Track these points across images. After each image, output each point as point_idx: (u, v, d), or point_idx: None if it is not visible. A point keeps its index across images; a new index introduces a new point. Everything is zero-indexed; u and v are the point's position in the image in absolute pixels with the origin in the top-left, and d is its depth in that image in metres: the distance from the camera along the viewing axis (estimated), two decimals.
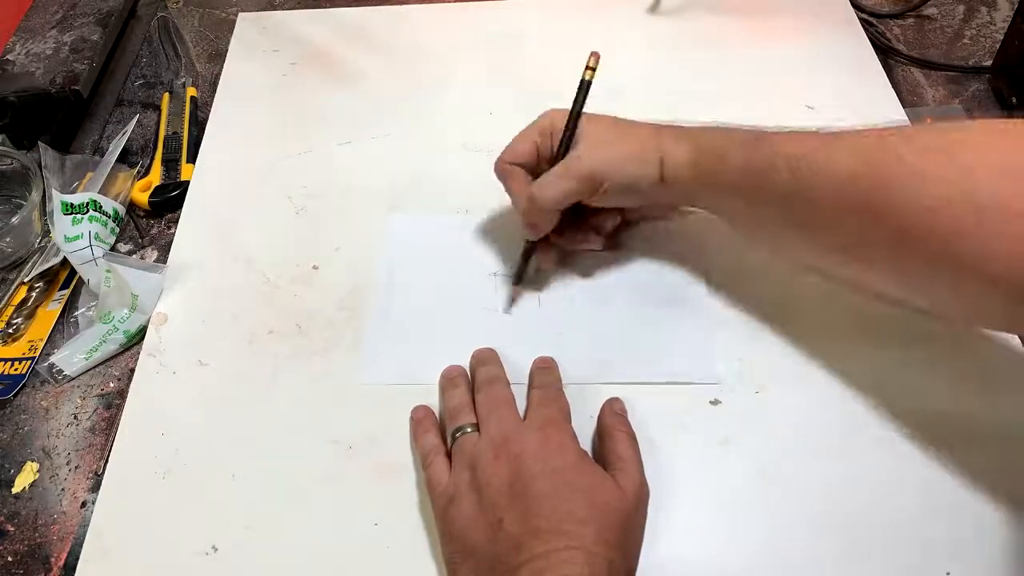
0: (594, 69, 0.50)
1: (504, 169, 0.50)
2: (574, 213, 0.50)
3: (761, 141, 0.45)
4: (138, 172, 0.64)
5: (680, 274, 0.53)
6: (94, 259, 0.54)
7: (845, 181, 0.40)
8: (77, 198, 0.56)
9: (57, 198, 0.54)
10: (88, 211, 0.56)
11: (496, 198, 0.58)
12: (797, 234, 0.45)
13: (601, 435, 0.44)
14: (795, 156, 0.42)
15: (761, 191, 0.44)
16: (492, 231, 0.56)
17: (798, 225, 0.44)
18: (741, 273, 0.53)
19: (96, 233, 0.56)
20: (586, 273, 0.54)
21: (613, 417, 0.45)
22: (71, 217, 0.55)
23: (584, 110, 0.49)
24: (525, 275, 0.53)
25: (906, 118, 0.61)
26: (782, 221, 0.45)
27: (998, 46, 0.65)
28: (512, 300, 0.52)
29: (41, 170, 0.59)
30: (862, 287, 0.47)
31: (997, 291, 0.36)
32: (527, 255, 0.52)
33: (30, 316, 0.55)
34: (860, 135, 0.42)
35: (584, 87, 0.49)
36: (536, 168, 0.50)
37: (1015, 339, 0.49)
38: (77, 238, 0.54)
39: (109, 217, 0.58)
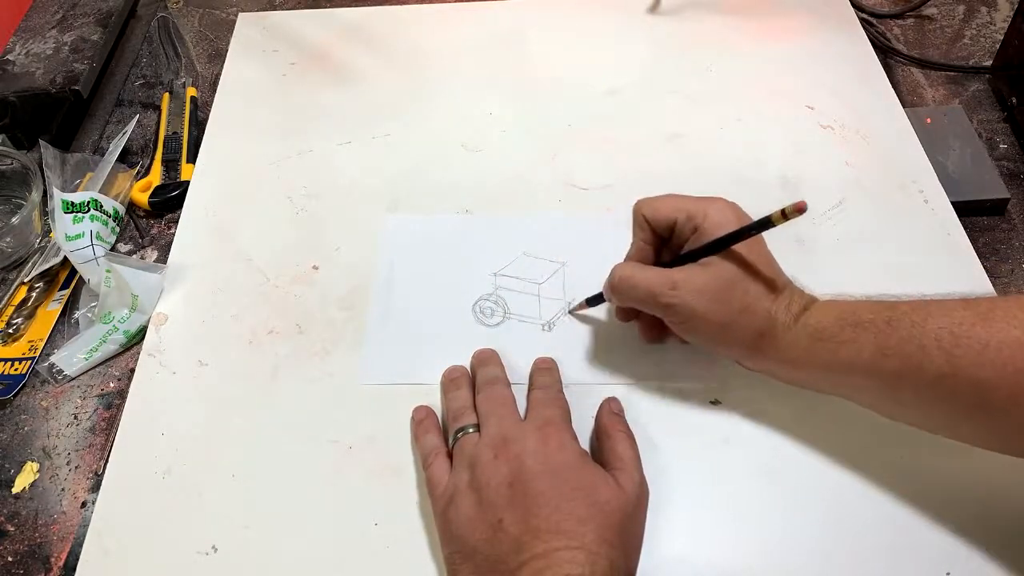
0: (788, 217, 0.39)
1: (637, 218, 0.46)
2: None
3: (896, 319, 0.39)
4: (138, 172, 0.64)
5: None
6: (95, 258, 0.54)
7: (1018, 356, 0.35)
8: (78, 197, 0.56)
9: (58, 196, 0.54)
10: (89, 210, 0.56)
11: (496, 198, 0.59)
12: (958, 420, 0.39)
13: (599, 435, 0.45)
14: (947, 332, 0.37)
15: (902, 375, 0.38)
16: (492, 231, 0.56)
17: (961, 412, 0.38)
18: None
19: (97, 232, 0.56)
20: (586, 275, 0.54)
21: (611, 417, 0.45)
22: (72, 216, 0.55)
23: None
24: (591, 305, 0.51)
25: (906, 118, 0.62)
26: (937, 407, 0.39)
27: (998, 46, 0.65)
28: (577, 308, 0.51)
29: (42, 169, 0.59)
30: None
31: None
32: (596, 300, 0.50)
33: (30, 316, 0.55)
34: (1018, 303, 0.37)
35: (762, 226, 0.41)
36: (663, 236, 0.46)
37: None
38: (78, 237, 0.54)
39: (109, 217, 0.58)
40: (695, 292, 0.42)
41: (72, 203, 0.55)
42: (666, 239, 0.46)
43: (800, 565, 0.41)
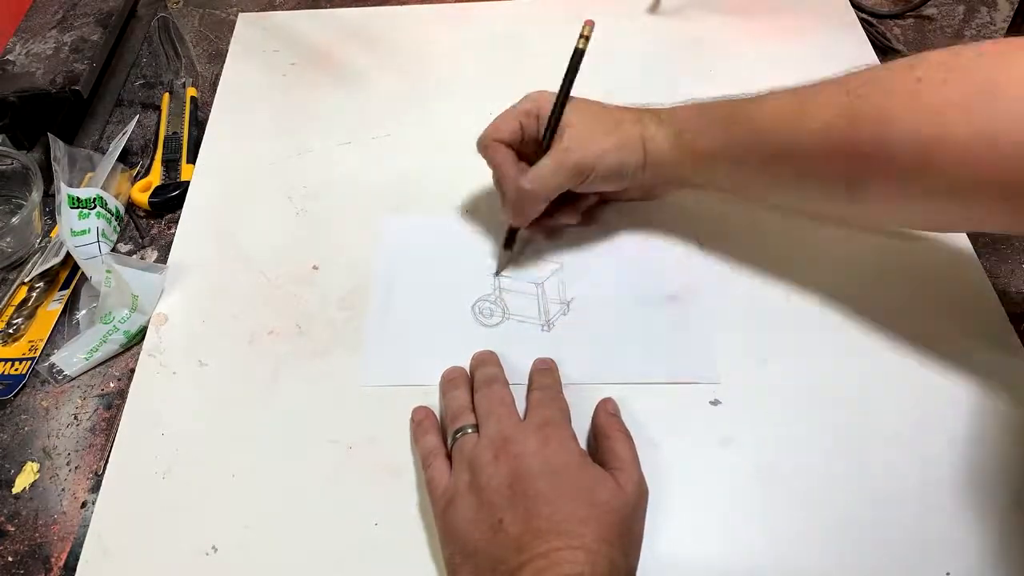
0: (587, 38, 0.49)
1: (489, 145, 0.51)
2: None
3: (738, 112, 0.47)
4: (138, 172, 0.64)
5: (680, 273, 0.53)
6: (100, 255, 0.54)
7: (824, 132, 0.43)
8: (84, 192, 0.56)
9: (65, 191, 0.54)
10: (95, 207, 0.56)
11: (496, 198, 0.58)
12: (786, 188, 0.48)
13: (597, 435, 0.45)
14: (772, 117, 0.45)
15: (744, 160, 0.47)
16: (492, 231, 0.56)
17: (786, 181, 0.47)
18: (740, 270, 0.53)
19: (102, 230, 0.56)
20: (585, 274, 0.54)
21: (608, 417, 0.45)
22: (78, 211, 0.55)
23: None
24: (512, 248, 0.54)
25: None
26: (769, 181, 0.48)
27: None
28: (502, 266, 0.54)
29: (41, 169, 0.59)
30: (859, 224, 0.52)
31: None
32: (511, 237, 0.54)
33: (30, 316, 0.55)
34: (833, 86, 0.44)
35: (576, 58, 0.49)
36: (519, 146, 0.51)
37: (1015, 340, 0.49)
38: (84, 233, 0.55)
39: (112, 216, 0.58)
40: (582, 140, 0.49)
41: (78, 198, 0.55)
42: (517, 147, 0.51)
43: (800, 565, 0.41)
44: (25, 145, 0.63)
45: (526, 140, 0.51)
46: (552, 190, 0.49)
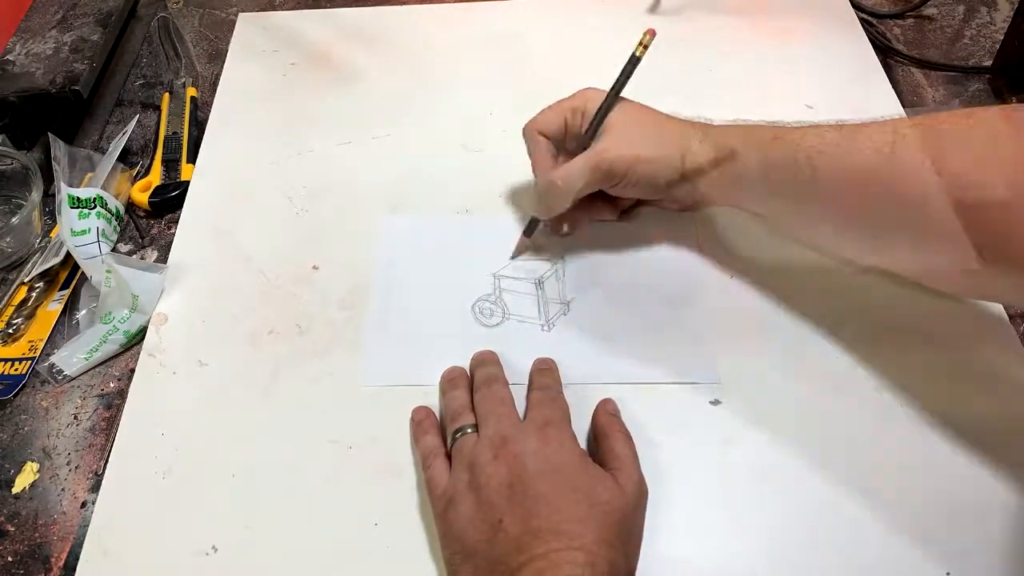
0: (647, 47, 0.48)
1: (532, 135, 0.52)
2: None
3: (781, 138, 0.46)
4: (138, 172, 0.64)
5: (680, 273, 0.53)
6: (100, 255, 0.54)
7: (866, 174, 0.41)
8: (84, 192, 0.56)
9: (65, 191, 0.54)
10: (95, 207, 0.56)
11: (496, 198, 0.59)
12: (821, 225, 0.47)
13: (597, 436, 0.44)
14: (816, 151, 0.43)
15: (782, 187, 0.46)
16: (492, 231, 0.56)
17: (821, 217, 0.46)
18: (740, 270, 0.53)
19: (102, 230, 0.56)
20: (585, 275, 0.54)
21: (608, 417, 0.45)
22: (78, 211, 0.55)
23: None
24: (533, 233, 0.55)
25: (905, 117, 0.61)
26: (805, 214, 0.46)
27: (998, 46, 0.65)
28: (518, 252, 0.55)
29: (42, 168, 0.59)
30: (884, 268, 0.50)
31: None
32: (532, 226, 0.54)
33: (30, 316, 0.55)
34: (880, 127, 0.42)
35: (631, 64, 0.49)
36: (561, 142, 0.52)
37: (1015, 340, 0.49)
38: (84, 233, 0.55)
39: (112, 215, 0.58)
40: (620, 144, 0.48)
41: (78, 198, 0.55)
42: (561, 141, 0.51)
43: (800, 565, 0.41)
44: (25, 145, 0.63)
45: (569, 135, 0.51)
46: (580, 189, 0.49)
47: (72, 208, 0.54)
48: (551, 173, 0.49)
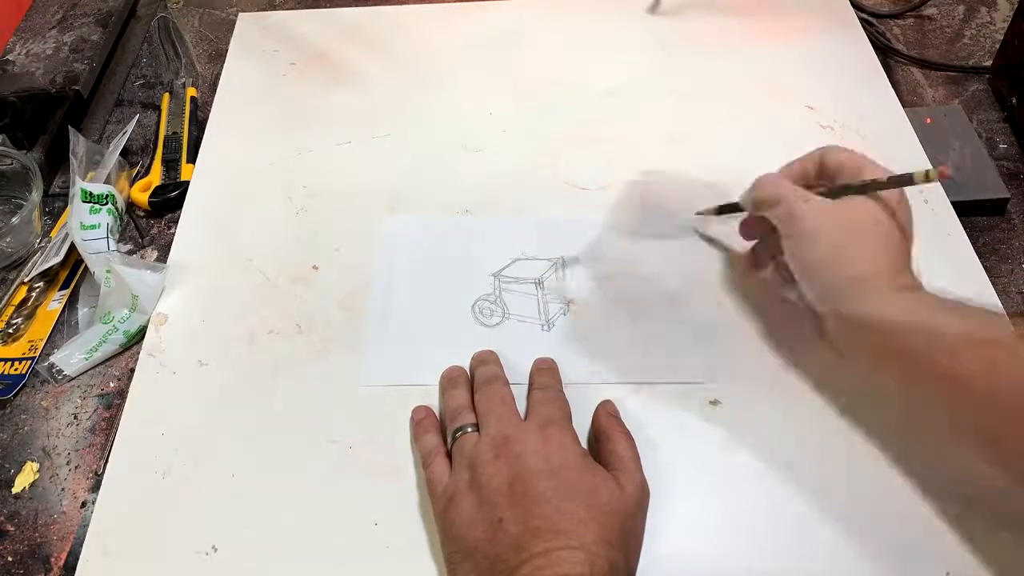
0: (929, 180, 0.42)
1: (813, 155, 0.47)
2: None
3: (992, 319, 0.39)
4: (138, 172, 0.64)
5: (680, 274, 0.53)
6: (108, 251, 0.55)
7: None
8: (98, 188, 0.56)
9: (79, 185, 0.55)
10: (107, 203, 0.56)
11: (496, 198, 0.59)
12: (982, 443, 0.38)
13: (598, 436, 0.44)
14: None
15: (977, 376, 0.37)
16: (491, 231, 0.56)
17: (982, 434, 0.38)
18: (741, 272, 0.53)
19: (110, 226, 0.56)
20: (585, 274, 0.54)
21: (609, 419, 0.45)
22: (89, 206, 0.55)
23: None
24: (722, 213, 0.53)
25: (906, 118, 0.61)
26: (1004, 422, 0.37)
27: (998, 46, 0.65)
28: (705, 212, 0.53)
29: (50, 163, 0.60)
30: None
31: None
32: (730, 208, 0.51)
33: (30, 316, 0.55)
34: None
35: (902, 181, 0.42)
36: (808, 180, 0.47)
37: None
38: (94, 227, 0.55)
39: (118, 214, 0.58)
40: (824, 212, 0.43)
41: (91, 193, 0.56)
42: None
43: (799, 565, 0.41)
44: (25, 145, 0.63)
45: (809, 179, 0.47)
46: (763, 203, 0.46)
47: (84, 203, 0.55)
48: (768, 174, 0.46)
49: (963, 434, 0.39)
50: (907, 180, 0.42)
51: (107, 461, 0.47)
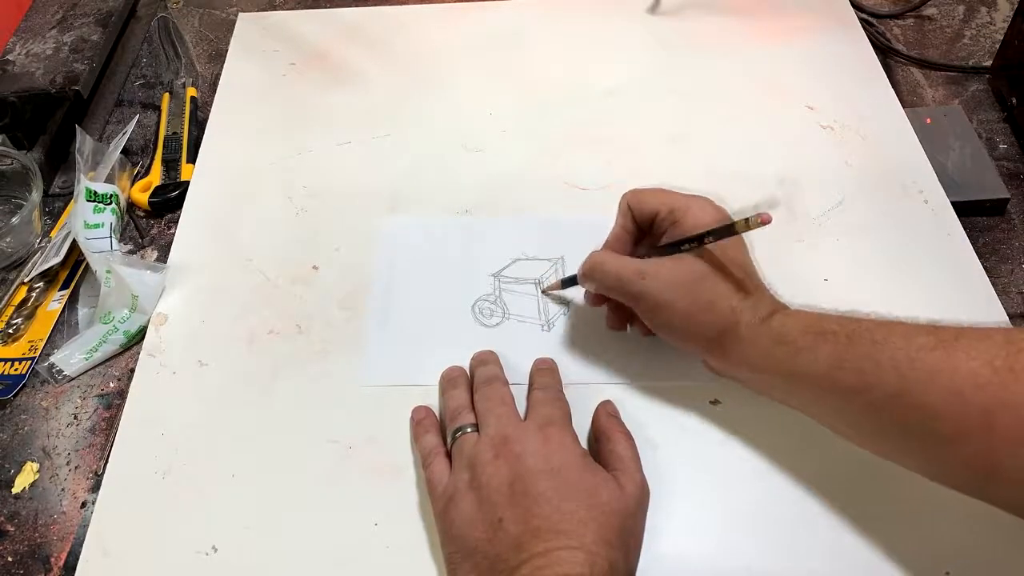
0: (750, 227, 0.40)
1: (623, 206, 0.47)
2: None
3: (858, 333, 0.38)
4: (138, 172, 0.64)
5: None
6: (111, 251, 0.55)
7: (968, 387, 0.34)
8: (103, 188, 0.56)
9: (84, 183, 0.55)
10: (111, 203, 0.57)
11: (496, 198, 0.59)
12: (907, 447, 0.38)
13: (598, 437, 0.44)
14: (904, 355, 0.36)
15: (856, 391, 0.38)
16: (491, 231, 0.56)
17: (910, 439, 0.37)
18: None
19: (114, 226, 0.56)
20: None
21: (609, 419, 0.45)
22: (93, 205, 0.55)
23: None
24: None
25: (906, 118, 0.62)
26: (882, 423, 0.38)
27: (998, 46, 0.65)
28: (551, 288, 0.52)
29: (50, 163, 0.60)
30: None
31: None
32: (571, 282, 0.50)
33: (30, 316, 0.55)
34: (984, 333, 0.36)
35: (726, 231, 0.42)
36: (645, 228, 0.47)
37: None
38: (97, 226, 0.55)
39: (121, 214, 0.58)
40: (663, 282, 0.43)
41: (96, 192, 0.56)
42: (646, 231, 0.47)
43: (799, 565, 0.41)
44: (25, 145, 0.63)
45: (655, 230, 0.46)
46: (600, 290, 0.46)
47: (88, 201, 0.55)
48: (595, 254, 0.46)
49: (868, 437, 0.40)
50: (729, 231, 0.41)
51: (107, 461, 0.47)
